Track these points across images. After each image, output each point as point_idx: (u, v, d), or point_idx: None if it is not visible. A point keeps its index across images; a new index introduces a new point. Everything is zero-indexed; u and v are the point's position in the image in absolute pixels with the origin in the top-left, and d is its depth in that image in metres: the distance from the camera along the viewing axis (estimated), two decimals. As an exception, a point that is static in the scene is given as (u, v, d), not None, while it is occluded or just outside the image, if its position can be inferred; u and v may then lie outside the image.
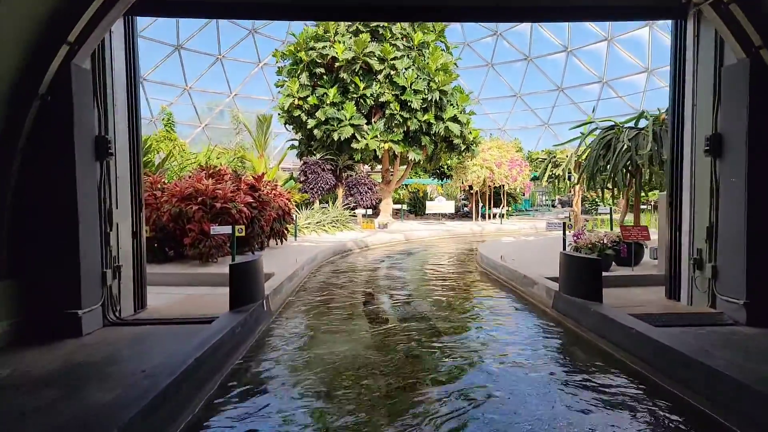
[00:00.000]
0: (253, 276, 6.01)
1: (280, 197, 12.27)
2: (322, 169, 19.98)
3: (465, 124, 20.30)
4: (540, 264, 9.03)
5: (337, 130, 18.82)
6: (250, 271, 5.94)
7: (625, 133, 9.39)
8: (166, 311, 6.26)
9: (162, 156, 11.12)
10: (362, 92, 18.94)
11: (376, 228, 19.27)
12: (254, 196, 10.27)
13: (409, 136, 20.09)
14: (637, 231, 8.14)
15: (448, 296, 7.82)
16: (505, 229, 21.55)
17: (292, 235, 14.73)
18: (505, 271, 8.83)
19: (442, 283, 9.22)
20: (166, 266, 9.33)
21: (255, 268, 6.04)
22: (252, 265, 5.97)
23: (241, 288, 5.75)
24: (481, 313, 6.72)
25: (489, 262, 10.09)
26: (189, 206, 9.11)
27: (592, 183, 9.93)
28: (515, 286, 8.09)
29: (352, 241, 14.77)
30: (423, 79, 18.95)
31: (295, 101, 19.39)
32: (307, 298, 7.77)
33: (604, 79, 39.63)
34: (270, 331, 5.77)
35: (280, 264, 9.41)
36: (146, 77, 41.33)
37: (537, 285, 7.17)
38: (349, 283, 9.12)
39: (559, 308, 6.25)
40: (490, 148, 24.08)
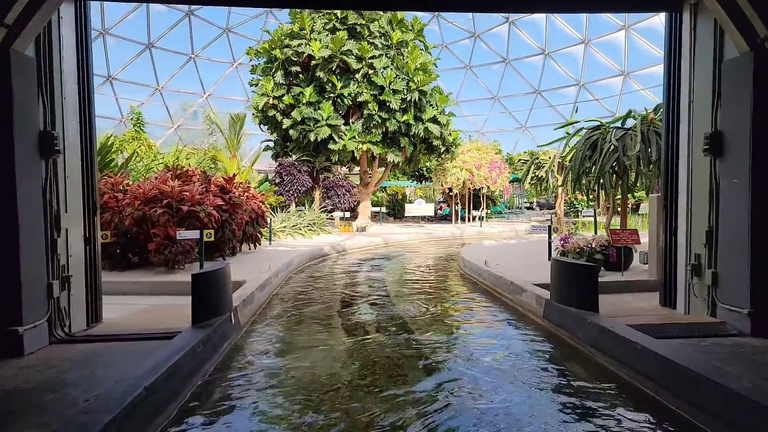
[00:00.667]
0: (219, 286, 5.44)
1: (253, 200, 11.66)
2: (298, 171, 19.36)
3: (444, 125, 19.95)
4: (526, 269, 8.67)
5: (314, 131, 18.24)
6: (215, 280, 5.36)
7: (611, 134, 9.11)
8: (124, 325, 5.65)
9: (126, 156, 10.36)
10: (339, 92, 18.40)
11: (354, 231, 18.76)
12: (224, 198, 9.65)
13: (388, 137, 19.64)
14: (626, 235, 7.84)
15: (431, 305, 7.37)
16: (486, 232, 21.26)
17: (267, 239, 14.11)
18: (490, 278, 8.43)
19: (425, 289, 8.76)
20: (128, 274, 8.66)
21: (221, 278, 5.47)
22: (218, 274, 5.39)
23: (205, 300, 5.17)
24: (468, 325, 6.27)
25: (473, 267, 9.68)
26: (153, 209, 8.45)
27: (577, 185, 9.63)
28: (502, 293, 7.68)
29: (329, 245, 14.23)
30: (402, 78, 18.52)
31: (270, 100, 18.73)
32: (281, 308, 7.21)
33: (581, 82, 39.97)
34: (238, 348, 5.21)
35: (253, 271, 8.83)
36: (115, 76, 40.05)
37: (526, 293, 6.77)
38: (327, 290, 8.59)
39: (551, 318, 5.85)
40: (469, 150, 23.81)
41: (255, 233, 11.80)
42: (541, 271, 8.52)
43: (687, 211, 5.84)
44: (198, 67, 44.91)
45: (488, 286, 8.39)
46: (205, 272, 5.21)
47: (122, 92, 40.64)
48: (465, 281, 9.45)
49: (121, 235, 8.93)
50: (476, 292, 8.34)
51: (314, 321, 6.41)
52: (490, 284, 8.35)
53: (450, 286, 9.07)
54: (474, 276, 9.42)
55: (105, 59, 38.83)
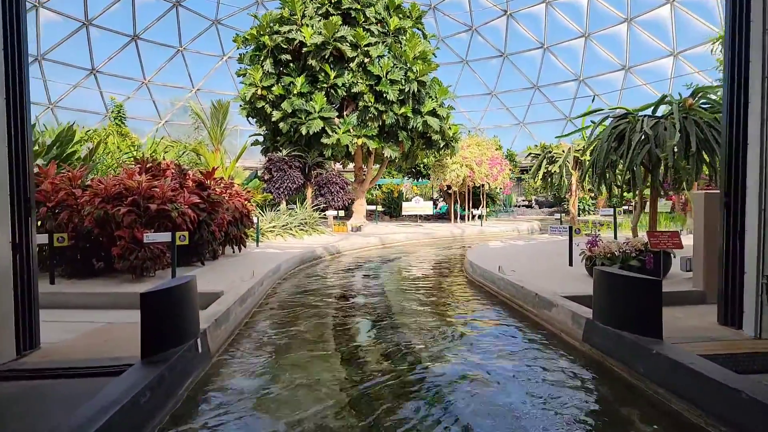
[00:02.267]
0: (180, 306, 4.27)
1: (237, 197, 10.48)
2: (288, 167, 18.14)
3: (444, 118, 18.81)
4: (548, 277, 7.57)
5: (306, 124, 17.03)
6: (174, 299, 4.20)
7: (642, 123, 8.03)
8: (65, 352, 4.50)
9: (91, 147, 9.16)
10: (333, 81, 17.20)
11: (348, 231, 17.61)
12: (202, 195, 8.47)
13: (385, 131, 18.48)
14: (667, 237, 6.75)
15: (442, 323, 6.25)
16: (488, 232, 20.19)
17: (255, 240, 12.94)
18: (507, 287, 7.32)
19: (430, 300, 7.64)
20: (89, 283, 7.47)
21: (183, 295, 4.30)
22: (177, 291, 4.22)
23: (160, 326, 4.01)
24: (489, 348, 5.15)
25: (484, 274, 8.57)
26: (117, 208, 7.26)
27: (601, 181, 8.54)
28: (524, 307, 6.57)
29: (322, 247, 13.08)
30: (400, 68, 17.34)
31: (259, 91, 17.49)
32: (264, 326, 6.06)
33: (580, 77, 39.01)
34: (203, 387, 4.06)
35: (234, 278, 7.67)
36: (100, 69, 38.61)
37: (557, 308, 5.66)
38: (319, 302, 7.44)
39: (594, 343, 4.75)
40: (469, 146, 22.71)
41: (239, 234, 10.63)
42: (565, 279, 7.44)
43: (760, 210, 4.75)
44: (186, 60, 43.52)
45: (505, 298, 7.28)
46: (159, 290, 4.03)
47: (107, 86, 39.20)
48: (476, 290, 8.34)
49: (82, 238, 7.74)
50: (491, 304, 7.22)
51: (304, 345, 5.27)
52: (507, 295, 7.24)
53: (460, 297, 7.95)
54: (486, 284, 8.31)
55: (88, 51, 37.39)
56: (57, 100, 37.18)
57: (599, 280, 4.78)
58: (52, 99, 36.92)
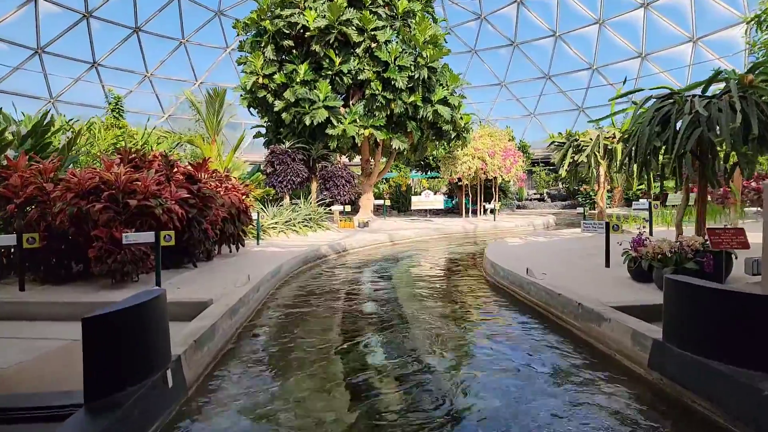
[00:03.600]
0: (142, 331, 3.32)
1: (233, 191, 9.56)
2: (292, 159, 17.19)
3: (456, 107, 17.76)
4: (584, 281, 6.58)
5: (309, 113, 16.05)
6: (131, 324, 3.23)
7: (692, 103, 6.99)
8: (10, 383, 3.64)
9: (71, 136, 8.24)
10: (338, 68, 16.19)
11: (355, 227, 16.66)
12: (192, 189, 7.54)
13: (393, 121, 17.46)
14: (730, 236, 5.75)
15: (465, 338, 5.30)
16: (501, 227, 19.17)
17: (255, 237, 12.04)
18: (539, 294, 6.34)
19: (450, 310, 6.68)
20: (62, 290, 6.57)
21: (145, 317, 3.35)
22: (137, 313, 3.27)
23: (111, 360, 3.07)
24: (529, 377, 4.19)
25: (509, 276, 7.60)
26: (91, 204, 6.35)
27: (642, 170, 7.51)
28: (562, 318, 5.60)
29: (327, 245, 12.14)
30: (409, 53, 16.29)
31: (260, 80, 16.51)
32: (257, 345, 5.14)
33: (594, 66, 37.70)
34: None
35: (226, 283, 6.75)
36: (101, 62, 37.82)
37: (609, 323, 4.68)
38: (322, 312, 6.51)
39: (667, 372, 3.77)
40: (481, 137, 21.64)
41: (237, 232, 9.71)
42: (606, 284, 6.44)
43: None
44: (189, 52, 42.65)
45: (538, 306, 6.31)
46: (110, 313, 3.07)
47: (109, 79, 38.40)
48: (500, 295, 7.37)
49: (56, 239, 6.85)
50: (521, 313, 6.25)
51: (305, 370, 4.33)
52: (540, 303, 6.26)
53: (484, 305, 6.98)
54: (512, 288, 7.33)
55: (89, 44, 36.59)
56: (58, 95, 36.42)
57: (674, 292, 3.79)
58: (53, 93, 36.19)
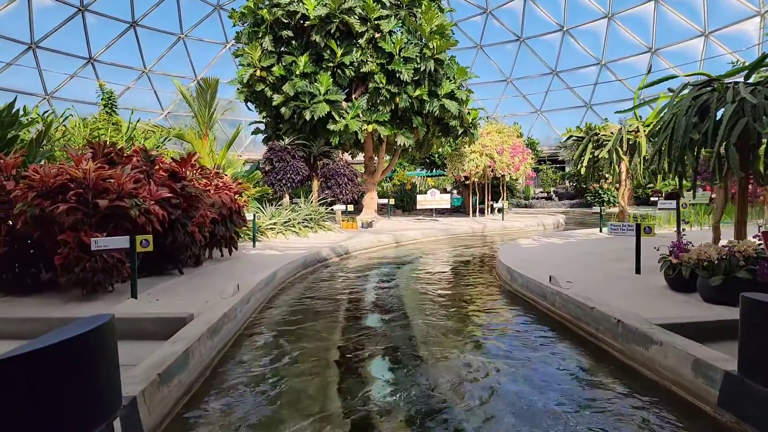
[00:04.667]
0: (77, 373, 2.55)
1: (225, 190, 8.80)
2: (291, 156, 16.41)
3: (463, 102, 16.95)
4: (615, 291, 5.79)
5: (310, 108, 15.26)
6: (59, 367, 2.45)
7: (736, 90, 6.19)
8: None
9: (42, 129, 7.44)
10: (340, 60, 15.39)
11: (358, 227, 15.89)
12: (175, 188, 6.77)
13: (398, 116, 16.67)
14: (792, 241, 4.95)
15: (483, 360, 4.51)
16: (511, 227, 18.37)
17: (251, 239, 11.28)
18: (566, 305, 5.56)
19: (464, 323, 5.91)
20: (25, 302, 5.79)
21: (85, 352, 2.57)
22: (74, 348, 2.49)
23: (31, 416, 2.30)
24: (564, 414, 3.41)
25: (528, 284, 6.82)
26: (55, 205, 5.59)
27: (678, 165, 6.71)
28: (597, 336, 4.81)
29: (328, 247, 11.38)
30: (414, 44, 15.48)
31: (257, 72, 15.73)
32: (242, 371, 4.36)
33: (602, 61, 36.81)
34: None
35: (213, 293, 5.98)
36: (97, 58, 37.15)
37: (659, 347, 3.89)
38: (321, 326, 5.74)
39: (746, 414, 2.98)
40: (489, 133, 20.85)
41: (229, 234, 8.95)
42: (642, 294, 5.63)
43: None
44: (188, 48, 41.98)
45: (565, 320, 5.52)
46: (30, 353, 2.29)
47: (106, 75, 37.66)
48: (518, 305, 6.59)
49: (18, 243, 6.10)
50: (547, 329, 5.47)
51: (298, 405, 3.56)
52: (568, 317, 5.47)
53: (502, 318, 6.20)
54: (532, 298, 6.55)
55: (85, 39, 35.91)
56: (53, 91, 35.75)
57: (760, 315, 3.00)
58: (49, 90, 35.51)
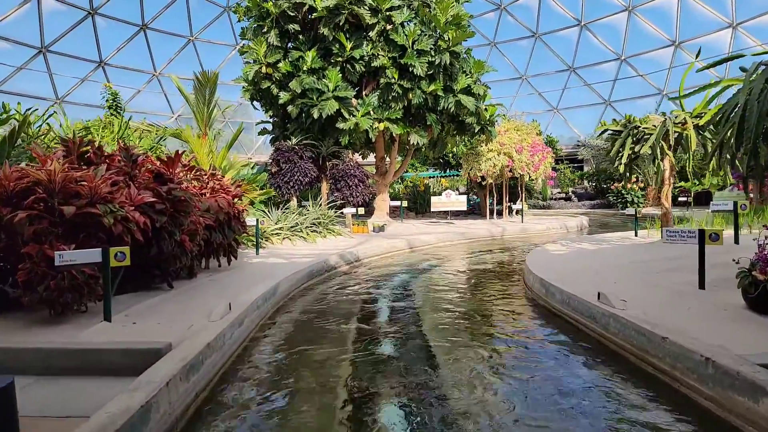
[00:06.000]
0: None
1: (222, 193, 7.93)
2: (299, 157, 15.55)
3: (480, 97, 15.94)
4: (684, 312, 4.76)
5: (318, 105, 14.38)
6: None
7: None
8: None
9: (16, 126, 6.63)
10: (349, 54, 14.49)
11: (370, 232, 14.96)
12: (160, 191, 5.90)
13: (411, 113, 15.72)
14: None
15: (527, 410, 3.55)
16: (532, 230, 17.30)
17: (254, 247, 10.41)
18: (625, 332, 4.55)
19: (493, 349, 4.93)
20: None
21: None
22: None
23: None
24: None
25: (569, 302, 5.81)
26: (14, 213, 4.74)
27: (750, 159, 5.68)
28: (672, 374, 3.81)
29: (337, 254, 10.47)
30: (429, 36, 14.52)
31: (263, 69, 14.91)
32: (222, 427, 3.44)
33: (622, 56, 35.47)
34: None
35: (198, 314, 5.07)
36: (108, 61, 36.77)
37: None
38: (324, 358, 4.81)
39: None
40: (507, 131, 19.79)
41: (227, 242, 8.08)
42: (717, 317, 4.55)
43: None
44: (198, 50, 41.46)
45: (625, 350, 4.52)
46: None
47: (116, 79, 37.26)
48: (555, 325, 5.60)
49: (-21, 257, 5.28)
50: (604, 363, 4.47)
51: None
52: (629, 347, 4.46)
53: (539, 344, 5.20)
54: (577, 318, 5.54)
55: (95, 42, 35.54)
56: (64, 95, 35.42)
57: None
58: (59, 94, 35.18)
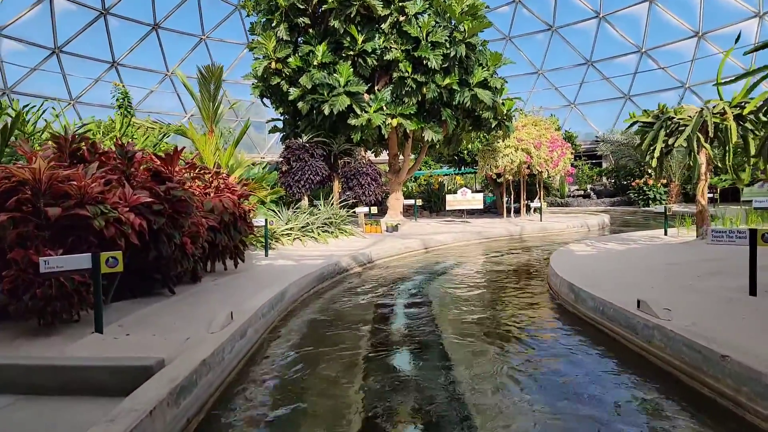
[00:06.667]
0: None
1: (227, 193, 7.52)
2: (310, 155, 15.12)
3: (498, 91, 15.35)
4: (736, 323, 4.18)
5: (329, 101, 13.93)
6: None
7: None
8: None
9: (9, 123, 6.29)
10: (361, 47, 14.02)
11: (383, 232, 14.49)
12: (158, 191, 5.48)
13: (425, 109, 15.20)
14: None
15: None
16: (551, 229, 16.67)
17: (264, 248, 10.00)
18: (673, 346, 4.01)
19: (521, 364, 4.42)
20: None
21: None
22: None
23: None
24: None
25: (603, 309, 5.27)
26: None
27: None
28: (737, 399, 3.27)
29: (349, 255, 10.01)
30: (443, 27, 13.98)
31: (272, 64, 14.52)
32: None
33: (642, 48, 34.45)
34: None
35: (198, 324, 4.64)
36: (120, 62, 36.81)
37: None
38: (333, 375, 4.34)
39: None
40: (524, 126, 19.17)
41: (232, 244, 7.67)
42: None
43: None
44: (210, 49, 41.37)
45: (672, 365, 3.97)
46: None
47: (129, 79, 37.37)
48: (587, 334, 5.06)
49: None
50: (649, 379, 3.94)
51: None
52: (680, 364, 3.92)
53: (573, 359, 4.67)
54: (614, 329, 5.00)
55: (108, 43, 35.60)
56: (78, 96, 35.56)
57: None
58: (74, 94, 35.32)
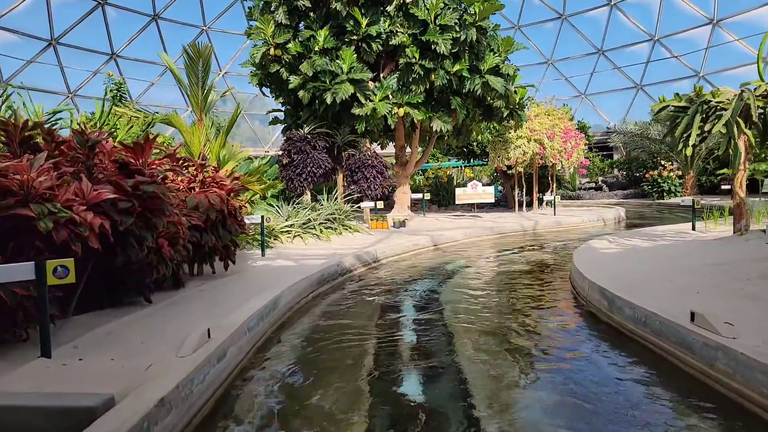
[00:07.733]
0: None
1: (213, 188, 6.75)
2: (312, 147, 14.32)
3: (510, 78, 14.47)
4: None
5: (331, 89, 13.11)
6: None
7: None
8: None
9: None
10: (365, 31, 13.17)
11: (390, 227, 13.72)
12: (125, 186, 4.71)
13: (433, 97, 14.36)
14: None
15: None
16: (567, 224, 15.83)
17: (260, 247, 9.26)
18: (740, 371, 3.20)
19: (556, 396, 3.63)
20: None
21: None
22: None
23: None
24: None
25: (643, 320, 4.46)
26: None
27: None
28: None
29: (353, 254, 9.25)
30: (453, 9, 13.12)
31: (271, 50, 13.70)
32: None
33: (655, 37, 33.31)
34: None
35: (169, 343, 3.88)
36: (120, 53, 36.12)
37: None
38: (331, 409, 3.56)
39: None
40: (537, 115, 18.27)
41: (223, 244, 6.91)
42: None
43: None
44: (211, 40, 40.46)
45: (744, 396, 3.18)
46: None
47: (129, 71, 36.73)
48: (627, 350, 4.26)
49: None
50: (715, 411, 3.14)
51: None
52: (749, 392, 3.12)
53: (604, 373, 3.87)
54: (661, 345, 4.19)
55: (106, 34, 34.90)
56: (76, 89, 34.94)
57: None
58: (71, 87, 34.71)
